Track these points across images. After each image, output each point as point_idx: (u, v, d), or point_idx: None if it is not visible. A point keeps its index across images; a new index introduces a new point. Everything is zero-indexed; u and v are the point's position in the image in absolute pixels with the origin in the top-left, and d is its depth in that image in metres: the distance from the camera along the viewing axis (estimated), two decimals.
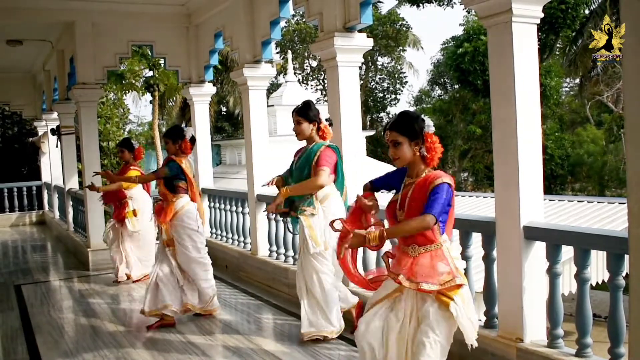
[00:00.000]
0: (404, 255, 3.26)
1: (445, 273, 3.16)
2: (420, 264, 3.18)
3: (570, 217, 11.80)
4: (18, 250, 11.91)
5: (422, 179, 3.26)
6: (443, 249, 3.23)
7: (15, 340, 5.78)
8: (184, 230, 5.88)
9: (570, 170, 29.40)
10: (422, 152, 3.29)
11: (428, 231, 3.15)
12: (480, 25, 25.22)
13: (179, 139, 5.95)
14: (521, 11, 3.89)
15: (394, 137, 3.29)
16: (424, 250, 3.21)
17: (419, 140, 3.29)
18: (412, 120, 3.30)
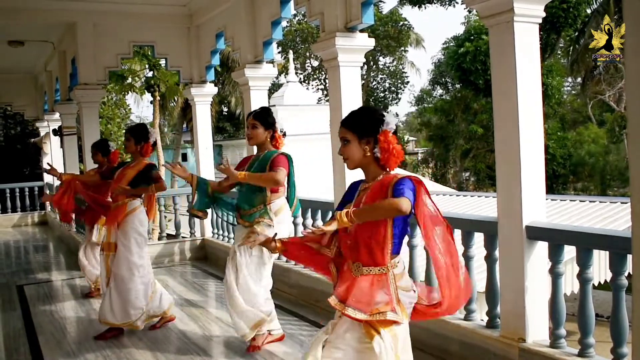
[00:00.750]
0: (348, 273, 2.90)
1: (382, 303, 2.74)
2: (358, 286, 2.80)
3: (573, 217, 11.78)
4: (20, 251, 11.91)
5: (379, 182, 2.86)
6: (388, 274, 2.81)
7: (17, 340, 5.78)
8: (132, 232, 5.51)
9: (572, 170, 29.37)
10: (374, 152, 2.87)
11: (377, 249, 2.78)
12: (481, 24, 25.20)
13: (142, 140, 5.54)
14: (523, 10, 3.88)
15: (343, 134, 2.93)
16: (367, 272, 2.82)
17: (371, 139, 2.86)
18: (363, 115, 2.92)
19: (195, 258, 9.15)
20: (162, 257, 8.99)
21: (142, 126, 5.77)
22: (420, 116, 40.66)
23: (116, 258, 5.49)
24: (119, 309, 5.47)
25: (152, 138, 5.62)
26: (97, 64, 8.85)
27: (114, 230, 5.55)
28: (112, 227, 5.56)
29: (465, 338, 4.46)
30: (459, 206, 14.14)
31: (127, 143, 5.58)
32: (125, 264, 5.47)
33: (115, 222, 5.51)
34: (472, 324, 4.51)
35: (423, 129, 40.19)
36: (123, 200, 5.53)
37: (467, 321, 4.57)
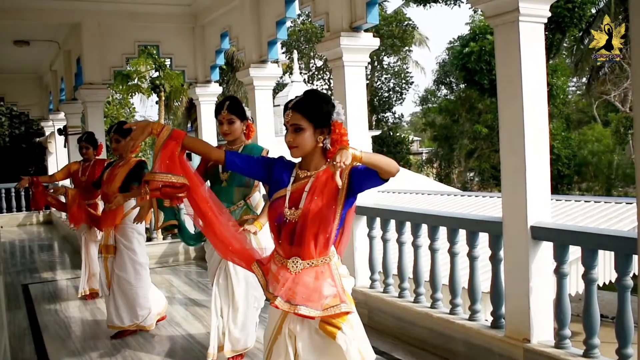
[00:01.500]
0: (284, 270, 2.72)
1: (331, 296, 2.65)
2: (303, 282, 2.66)
3: (577, 217, 11.76)
4: (25, 250, 11.95)
5: (324, 172, 2.72)
6: (331, 264, 2.72)
7: (22, 339, 5.80)
8: (133, 233, 5.47)
9: (577, 170, 29.30)
10: (325, 143, 2.75)
11: (323, 239, 2.67)
12: (486, 24, 25.16)
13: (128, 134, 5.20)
14: (528, 10, 3.88)
15: (296, 121, 2.69)
16: (308, 265, 2.69)
17: (325, 129, 2.72)
18: (321, 102, 2.72)
19: (199, 257, 9.16)
20: (167, 257, 9.01)
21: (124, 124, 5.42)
22: (424, 116, 40.62)
23: (119, 261, 5.41)
24: (126, 311, 5.44)
25: None
26: (102, 63, 8.87)
27: (112, 232, 5.46)
28: (110, 228, 5.45)
29: (470, 338, 4.46)
30: (463, 206, 14.12)
31: (115, 145, 5.42)
32: (130, 266, 5.43)
33: (113, 225, 5.42)
34: (476, 324, 4.50)
35: (427, 129, 40.14)
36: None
37: (472, 321, 4.57)
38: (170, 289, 7.46)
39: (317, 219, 2.67)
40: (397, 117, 41.05)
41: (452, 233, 4.76)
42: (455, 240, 4.75)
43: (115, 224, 5.42)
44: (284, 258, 2.75)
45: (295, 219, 2.70)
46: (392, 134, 37.96)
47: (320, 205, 2.66)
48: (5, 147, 18.98)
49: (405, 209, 5.54)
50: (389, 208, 5.59)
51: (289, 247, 2.73)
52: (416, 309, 5.02)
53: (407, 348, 4.91)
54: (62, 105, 11.98)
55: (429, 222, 4.99)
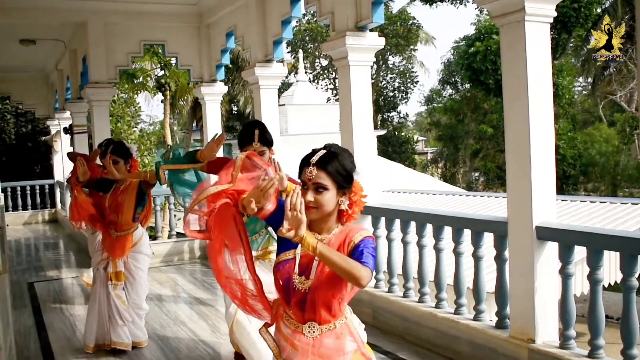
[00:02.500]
0: (299, 335, 2.50)
1: (352, 352, 2.51)
2: (325, 346, 2.47)
3: (583, 218, 11.73)
4: (31, 248, 11.99)
5: (336, 237, 2.47)
6: (347, 322, 2.54)
7: (28, 337, 5.83)
8: (144, 260, 5.39)
9: (583, 171, 29.23)
10: (344, 205, 2.49)
11: (336, 305, 2.46)
12: (492, 24, 25.11)
13: (130, 157, 5.29)
14: (534, 10, 3.87)
15: (321, 180, 2.41)
16: (327, 329, 2.48)
17: (347, 190, 2.48)
18: (345, 160, 2.47)
19: (204, 256, 9.16)
20: (172, 256, 9.02)
21: (121, 144, 5.43)
22: (429, 116, 40.59)
23: (136, 285, 5.30)
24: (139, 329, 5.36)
25: (134, 151, 5.41)
26: (107, 62, 8.88)
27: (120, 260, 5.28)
28: (121, 258, 5.27)
29: (475, 338, 4.46)
30: (468, 206, 14.10)
31: (116, 166, 5.08)
32: (144, 288, 5.39)
33: (122, 255, 5.25)
34: (481, 325, 4.50)
35: (432, 129, 40.14)
36: (128, 230, 5.25)
37: (477, 321, 4.57)
38: (175, 288, 7.47)
39: (330, 289, 2.43)
40: (402, 117, 41.07)
41: (457, 233, 4.76)
42: (460, 240, 4.75)
43: (125, 254, 5.27)
44: (297, 323, 2.52)
45: (305, 289, 2.47)
46: (397, 133, 37.97)
47: (332, 274, 2.38)
48: (11, 146, 19.02)
49: (410, 209, 5.54)
50: (393, 208, 5.59)
51: (301, 314, 2.50)
52: (421, 308, 5.02)
53: (412, 348, 4.91)
54: (67, 104, 12.01)
55: (434, 222, 4.99)
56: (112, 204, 5.31)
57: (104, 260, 5.31)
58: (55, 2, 8.51)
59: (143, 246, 5.36)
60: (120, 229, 5.24)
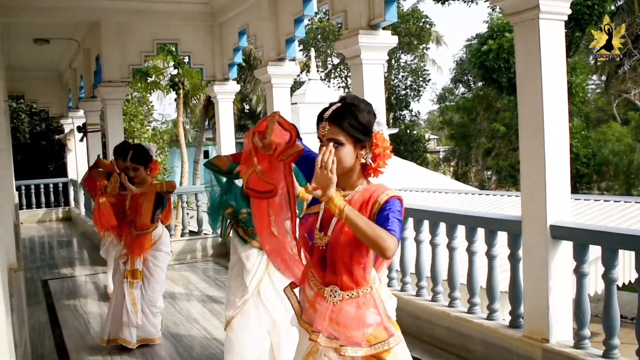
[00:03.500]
0: (320, 298, 2.43)
1: (375, 325, 2.38)
2: (344, 313, 2.37)
3: (597, 217, 11.65)
4: (45, 246, 12.07)
5: (361, 195, 2.39)
6: (373, 292, 2.43)
7: (42, 334, 5.87)
8: (163, 258, 5.45)
9: (596, 169, 29.03)
10: (367, 158, 2.40)
11: (357, 271, 2.37)
12: (504, 22, 24.99)
13: (149, 162, 5.30)
14: (548, 7, 3.85)
15: (333, 135, 2.34)
16: (348, 296, 2.39)
17: (366, 143, 2.38)
18: (362, 112, 2.38)
19: (217, 254, 9.21)
20: (185, 254, 9.06)
21: (140, 148, 5.41)
22: (442, 114, 40.46)
23: (153, 282, 5.35)
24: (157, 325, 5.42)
25: (154, 153, 5.42)
26: (121, 61, 8.92)
27: (139, 258, 5.34)
28: (139, 257, 5.32)
29: (488, 337, 4.44)
30: (481, 205, 14.05)
31: (135, 173, 5.22)
32: (159, 283, 5.42)
33: (141, 254, 5.31)
34: (494, 324, 4.49)
35: (445, 127, 40.01)
36: (147, 229, 5.32)
37: (490, 321, 4.55)
38: (187, 286, 7.50)
39: (347, 250, 2.35)
40: (414, 115, 40.96)
41: (470, 232, 4.74)
42: (474, 239, 4.74)
43: (144, 253, 5.33)
44: (320, 284, 2.45)
45: (323, 246, 2.41)
46: (409, 132, 37.87)
47: (351, 234, 2.29)
48: (26, 144, 19.15)
49: (424, 208, 5.53)
50: (407, 206, 5.56)
51: (323, 273, 2.44)
52: (434, 307, 5.01)
53: (425, 347, 4.90)
54: (81, 103, 12.08)
55: (447, 221, 4.97)
56: (132, 205, 5.38)
57: (124, 255, 5.38)
58: (69, 1, 8.57)
59: (163, 244, 5.43)
60: (139, 228, 5.31)
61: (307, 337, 2.46)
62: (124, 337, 5.17)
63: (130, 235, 5.37)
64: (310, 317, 2.47)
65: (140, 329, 5.26)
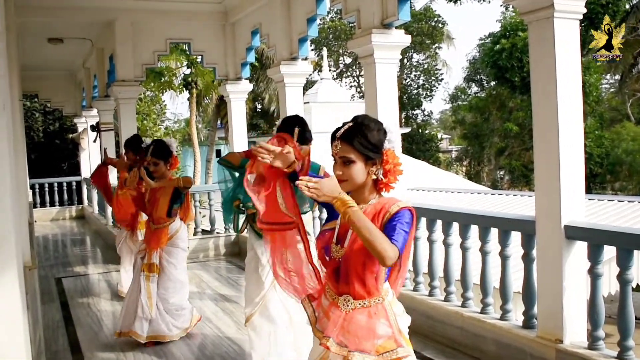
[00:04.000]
0: (334, 307, 2.55)
1: (386, 337, 2.47)
2: (355, 321, 2.48)
3: (611, 217, 11.58)
4: (58, 244, 12.15)
5: (373, 207, 2.50)
6: (385, 304, 2.52)
7: (56, 331, 5.91)
8: (178, 254, 5.48)
9: (610, 169, 28.83)
10: (377, 174, 2.52)
11: (370, 280, 2.48)
12: (517, 21, 24.88)
13: (169, 157, 5.37)
14: (563, 6, 3.83)
15: (345, 153, 2.47)
16: (360, 305, 2.50)
17: (377, 160, 2.50)
18: (372, 131, 2.49)
19: (229, 253, 9.23)
20: (197, 252, 9.08)
21: (161, 143, 5.45)
22: (454, 114, 40.34)
23: (165, 279, 5.37)
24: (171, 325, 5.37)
25: (174, 148, 5.45)
26: (134, 60, 8.97)
27: (157, 252, 5.38)
28: (155, 250, 5.37)
29: (501, 338, 4.42)
30: (494, 205, 14.00)
31: (155, 168, 5.30)
32: (177, 284, 5.44)
33: (157, 247, 5.36)
34: (507, 324, 4.47)
35: (457, 127, 39.89)
36: (163, 223, 5.38)
37: (503, 321, 4.53)
38: (200, 285, 7.52)
39: (361, 258, 2.46)
40: (427, 115, 40.88)
41: (483, 231, 4.72)
42: (487, 239, 4.71)
43: (161, 246, 5.37)
44: (335, 294, 2.57)
45: (339, 258, 2.53)
46: (421, 131, 37.81)
47: (363, 247, 2.38)
48: (40, 143, 19.29)
49: (437, 207, 5.51)
50: (419, 206, 5.54)
51: (337, 284, 2.56)
52: (447, 307, 5.00)
53: (438, 347, 4.89)
54: (95, 102, 12.15)
55: (461, 221, 4.95)
56: (150, 198, 5.46)
57: (142, 250, 5.45)
58: (83, 1, 8.63)
59: (179, 239, 5.46)
60: (156, 222, 5.39)
61: (319, 343, 2.55)
62: (135, 330, 5.19)
63: (149, 228, 5.47)
64: (323, 325, 2.57)
65: (152, 324, 5.26)
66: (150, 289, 5.29)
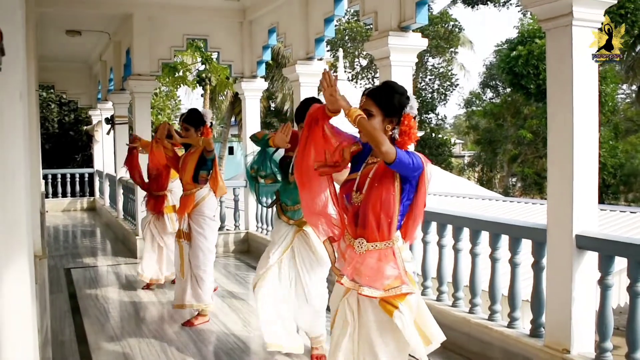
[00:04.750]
0: (350, 250, 2.97)
1: (393, 277, 2.87)
2: (367, 263, 2.89)
3: (623, 228, 11.49)
4: (69, 235, 12.22)
5: None
6: (394, 248, 2.92)
7: (63, 322, 5.94)
8: (205, 220, 5.71)
9: (624, 180, 28.64)
10: (393, 133, 2.93)
11: (385, 224, 2.87)
12: (535, 28, 24.78)
13: (201, 125, 5.72)
14: (582, 15, 3.80)
15: (367, 106, 2.93)
16: (372, 247, 2.91)
17: (395, 119, 2.92)
18: (394, 93, 2.93)
19: (238, 251, 9.24)
20: None
21: (195, 111, 5.86)
22: (468, 119, 40.21)
23: (193, 246, 5.67)
24: (197, 293, 5.66)
25: (208, 119, 5.79)
26: (151, 55, 9.00)
27: (185, 218, 5.71)
28: (182, 216, 5.72)
29: (508, 346, 4.40)
30: (505, 212, 13.94)
31: (186, 133, 5.71)
32: (203, 251, 5.68)
33: (184, 212, 5.69)
34: (515, 332, 4.44)
35: (471, 132, 39.75)
36: (191, 190, 5.71)
37: (511, 329, 4.51)
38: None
39: (377, 204, 2.87)
40: (440, 119, 40.76)
41: (494, 238, 4.70)
42: (497, 245, 4.69)
43: (188, 211, 5.67)
44: (351, 238, 2.98)
45: (358, 203, 2.94)
46: (435, 135, 37.69)
47: (380, 191, 2.86)
48: (54, 134, 19.40)
49: (447, 212, 5.49)
50: (431, 210, 5.53)
51: (355, 228, 2.96)
52: (454, 313, 4.98)
53: (444, 352, 4.86)
54: (110, 95, 12.20)
55: (471, 226, 4.93)
56: (182, 164, 5.81)
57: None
58: None
59: (205, 207, 5.70)
60: (185, 188, 5.75)
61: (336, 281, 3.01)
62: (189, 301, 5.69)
63: (183, 195, 5.80)
64: (340, 264, 3.02)
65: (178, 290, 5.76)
66: (183, 254, 5.69)
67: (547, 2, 3.90)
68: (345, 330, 2.97)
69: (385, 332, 2.90)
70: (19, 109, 2.28)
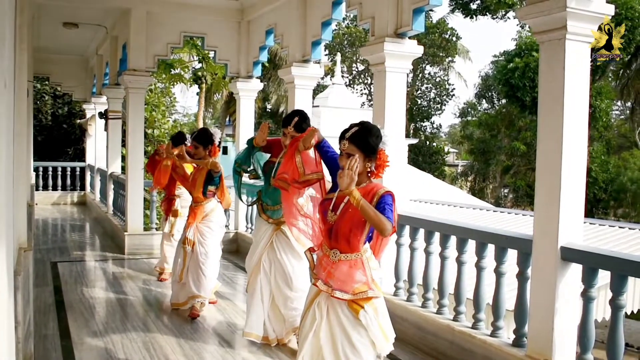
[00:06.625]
0: (326, 258, 3.44)
1: (361, 283, 3.33)
2: (339, 270, 3.35)
3: (610, 242, 11.54)
4: (57, 229, 12.16)
5: (364, 189, 3.33)
6: (363, 259, 3.38)
7: (47, 315, 5.91)
8: (211, 234, 6.11)
9: (614, 196, 28.77)
10: (371, 167, 3.40)
11: (354, 241, 3.33)
12: (533, 40, 24.88)
13: (209, 144, 6.12)
14: (576, 29, 3.82)
15: (350, 150, 3.34)
16: (344, 258, 3.37)
17: (373, 157, 3.38)
18: (371, 136, 3.37)
19: (227, 251, 9.19)
20: None
21: (206, 130, 6.29)
22: (463, 128, 40.32)
23: (202, 251, 6.03)
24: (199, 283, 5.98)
25: (216, 139, 6.22)
26: (147, 51, 9.00)
27: (193, 227, 6.06)
28: (192, 225, 6.07)
29: (490, 354, 4.41)
30: (494, 222, 13.97)
31: (195, 151, 6.11)
32: (203, 256, 6.03)
33: (194, 222, 6.07)
34: (498, 341, 4.45)
35: (465, 142, 39.86)
36: (201, 201, 6.09)
37: (494, 337, 4.51)
38: None
39: (349, 225, 3.33)
40: (435, 127, 40.84)
41: (480, 247, 4.71)
42: (484, 254, 4.70)
43: (197, 221, 6.07)
44: (327, 248, 3.46)
45: (332, 221, 3.39)
46: (429, 143, 37.78)
47: (352, 216, 3.30)
48: (47, 126, 19.28)
49: (435, 219, 5.50)
50: (418, 217, 5.54)
51: (329, 241, 3.44)
52: (438, 320, 4.98)
53: (427, 359, 4.88)
54: (105, 89, 12.18)
55: (459, 234, 4.94)
56: (192, 180, 6.21)
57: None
58: None
59: (212, 221, 6.13)
60: (195, 200, 6.15)
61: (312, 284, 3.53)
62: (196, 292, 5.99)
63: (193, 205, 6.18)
64: (317, 271, 3.48)
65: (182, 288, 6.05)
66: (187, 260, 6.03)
67: (541, 15, 3.92)
68: (312, 327, 3.43)
69: (356, 327, 3.33)
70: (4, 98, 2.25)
